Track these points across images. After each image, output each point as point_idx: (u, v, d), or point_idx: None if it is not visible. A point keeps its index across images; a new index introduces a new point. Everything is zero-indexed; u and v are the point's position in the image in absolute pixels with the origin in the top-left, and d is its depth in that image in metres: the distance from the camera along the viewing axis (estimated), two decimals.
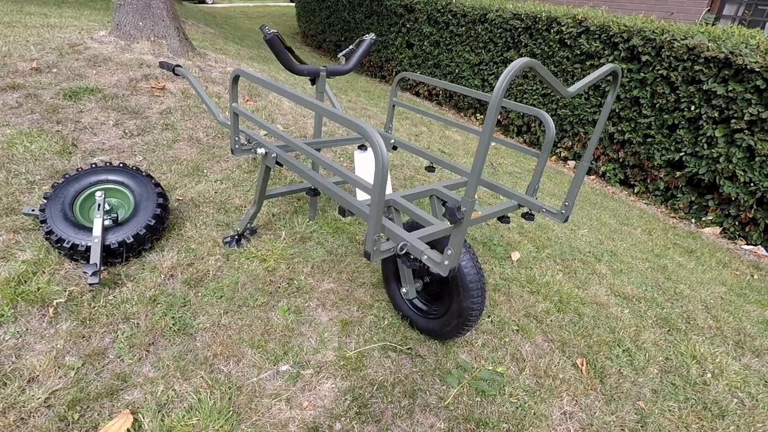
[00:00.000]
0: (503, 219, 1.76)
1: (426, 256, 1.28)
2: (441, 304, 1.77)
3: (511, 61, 6.52)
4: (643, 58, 4.79)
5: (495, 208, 1.70)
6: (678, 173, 4.75)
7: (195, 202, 2.41)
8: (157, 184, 2.11)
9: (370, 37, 2.20)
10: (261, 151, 1.84)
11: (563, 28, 5.59)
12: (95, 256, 1.79)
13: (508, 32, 6.46)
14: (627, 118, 5.12)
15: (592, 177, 5.76)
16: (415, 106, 2.33)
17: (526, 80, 6.34)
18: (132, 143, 2.84)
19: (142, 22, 4.04)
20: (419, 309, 1.83)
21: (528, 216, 1.78)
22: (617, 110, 5.20)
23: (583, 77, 5.48)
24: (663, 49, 4.60)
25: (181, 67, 2.30)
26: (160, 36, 4.11)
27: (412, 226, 1.67)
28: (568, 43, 5.60)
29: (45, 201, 1.94)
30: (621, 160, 5.35)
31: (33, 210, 2.06)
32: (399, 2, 8.33)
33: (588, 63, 5.42)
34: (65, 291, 1.79)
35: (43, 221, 1.88)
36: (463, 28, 7.21)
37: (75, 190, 2.00)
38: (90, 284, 1.75)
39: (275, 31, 1.84)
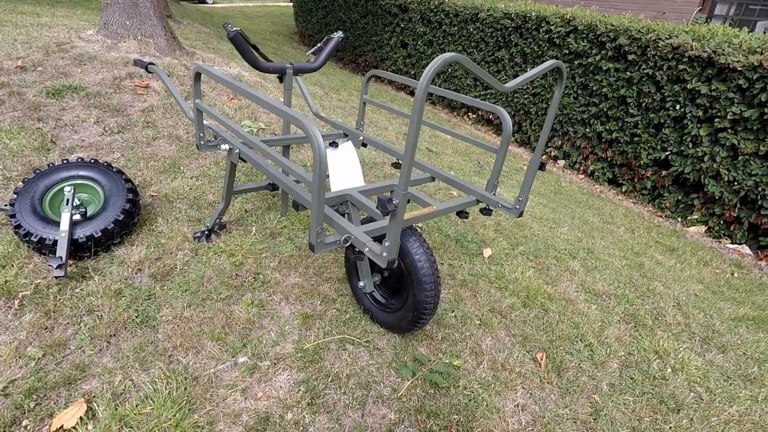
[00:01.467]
0: (461, 214, 1.78)
1: (368, 249, 1.31)
2: (399, 298, 1.80)
3: (503, 60, 6.54)
4: (630, 57, 4.81)
5: (451, 203, 1.73)
6: (664, 172, 4.76)
7: (169, 198, 2.45)
8: (128, 180, 2.15)
9: (337, 34, 2.23)
10: (225, 147, 1.87)
11: (552, 28, 5.61)
12: (61, 249, 1.83)
13: (498, 31, 6.48)
14: (615, 117, 5.13)
15: (581, 176, 5.78)
16: (386, 104, 2.36)
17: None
18: (111, 140, 2.88)
19: (129, 21, 4.09)
20: (379, 303, 1.86)
21: (485, 211, 1.81)
22: (605, 109, 5.22)
23: (572, 76, 5.47)
24: (648, 49, 4.61)
25: (154, 65, 2.33)
26: (147, 35, 4.15)
27: (369, 221, 1.69)
28: (557, 42, 5.62)
29: (15, 196, 1.98)
30: (609, 159, 5.36)
31: (5, 205, 2.10)
32: (393, 2, 8.36)
33: (576, 62, 5.43)
34: (32, 284, 1.83)
35: (12, 215, 1.92)
36: (456, 28, 7.24)
37: (45, 186, 2.04)
38: (56, 277, 1.78)
39: (238, 29, 1.88)
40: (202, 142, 1.96)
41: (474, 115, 7.38)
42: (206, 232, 2.21)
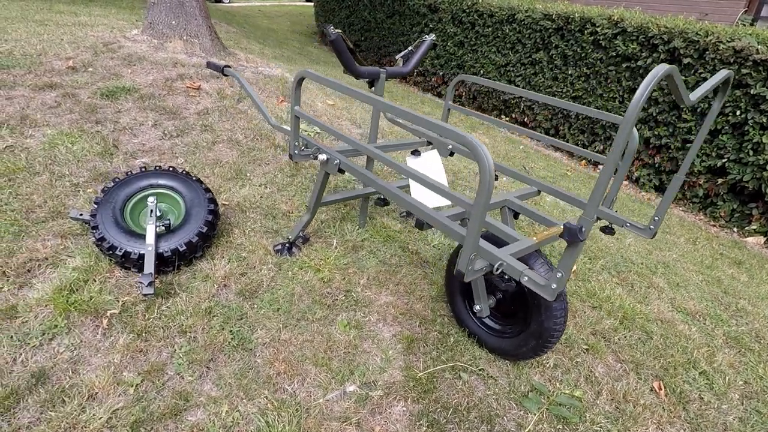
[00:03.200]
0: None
1: (526, 278, 1.17)
2: (516, 322, 1.66)
3: (540, 62, 6.38)
4: (685, 61, 4.63)
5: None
6: (720, 180, 4.58)
7: (241, 207, 2.33)
8: (208, 190, 2.03)
9: (430, 37, 2.10)
10: (322, 157, 1.75)
11: (598, 29, 5.44)
12: (149, 265, 1.71)
13: (537, 33, 6.32)
14: (665, 123, 4.96)
15: (624, 182, 5.60)
16: (471, 111, 2.23)
17: (555, 82, 6.19)
18: (172, 144, 2.77)
19: (175, 20, 3.98)
20: (489, 327, 1.73)
21: (607, 230, 1.67)
22: (654, 114, 5.04)
23: (618, 80, 5.28)
24: (707, 52, 4.43)
25: (230, 67, 2.21)
26: (192, 35, 4.05)
27: (485, 239, 1.56)
28: (603, 44, 5.45)
29: (96, 206, 1.87)
30: (657, 165, 5.19)
31: (81, 214, 1.99)
32: (422, 2, 8.22)
33: (624, 65, 5.26)
34: (118, 301, 1.72)
35: (95, 227, 1.81)
36: (490, 29, 7.08)
37: (125, 195, 1.93)
38: (144, 295, 1.67)
39: (339, 31, 1.75)
40: (296, 152, 1.83)
41: (506, 118, 7.23)
42: (287, 245, 2.09)
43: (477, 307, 1.62)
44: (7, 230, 1.96)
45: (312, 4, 16.26)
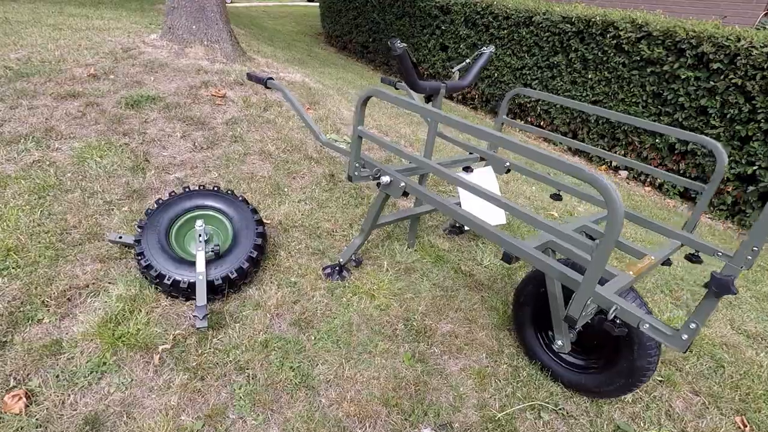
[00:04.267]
0: (665, 262, 1.54)
1: (647, 326, 1.06)
2: (599, 357, 1.55)
3: (559, 66, 6.27)
4: (714, 66, 4.53)
5: (663, 252, 1.48)
6: (750, 188, 4.49)
7: (284, 226, 2.21)
8: (255, 210, 1.92)
9: (489, 49, 1.99)
10: (385, 179, 1.63)
11: (621, 33, 5.33)
12: (201, 295, 1.60)
13: (556, 36, 6.21)
14: (691, 128, 4.86)
15: (648, 188, 5.51)
16: (527, 125, 2.12)
17: (574, 85, 6.08)
18: (203, 157, 2.65)
19: (196, 25, 3.86)
20: (567, 361, 1.62)
21: (694, 258, 1.56)
22: (680, 120, 4.95)
23: (642, 84, 5.15)
24: (738, 57, 4.33)
25: (273, 80, 2.10)
26: (213, 40, 3.93)
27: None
28: (626, 48, 5.34)
29: (140, 230, 1.75)
30: (682, 171, 5.09)
31: (120, 237, 1.87)
32: (434, 3, 8.11)
33: (648, 69, 5.16)
34: (168, 334, 1.60)
35: (140, 254, 1.69)
36: (505, 31, 6.97)
37: (170, 217, 1.81)
38: (198, 328, 1.55)
39: (405, 45, 1.64)
40: (356, 173, 1.72)
41: (522, 121, 7.12)
42: (338, 268, 1.97)
43: (558, 343, 1.51)
44: (43, 254, 1.84)
45: (315, 4, 16.13)
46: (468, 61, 2.00)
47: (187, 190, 1.89)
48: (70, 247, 1.90)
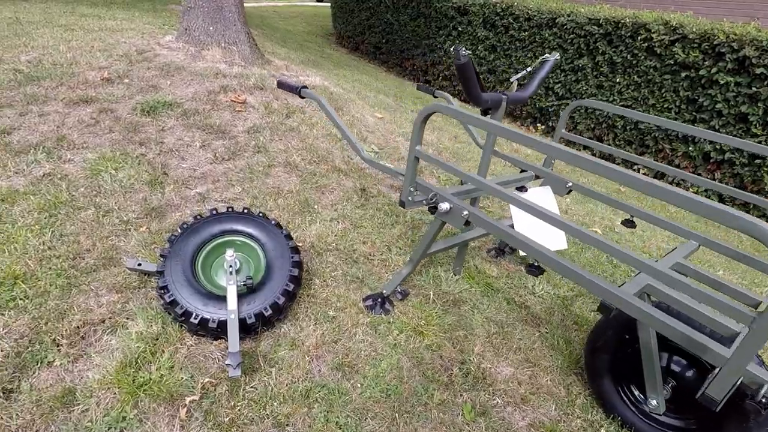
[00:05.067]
0: None
1: None
2: (698, 418, 1.33)
3: (584, 69, 6.03)
4: (757, 71, 4.28)
5: None
6: None
7: (316, 249, 2.01)
8: (289, 236, 1.71)
9: (553, 56, 1.78)
10: (444, 206, 1.42)
11: (653, 35, 5.09)
12: (234, 339, 1.39)
13: (581, 38, 5.97)
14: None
15: None
16: (587, 140, 1.91)
17: (600, 90, 5.83)
18: (225, 169, 2.45)
19: (213, 26, 3.67)
20: (657, 420, 1.39)
21: None
22: (717, 127, 4.70)
23: (675, 89, 4.89)
24: None
25: (307, 89, 1.89)
26: (231, 42, 3.74)
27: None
28: (658, 51, 5.10)
29: (162, 260, 1.55)
30: (718, 181, 4.84)
31: (139, 264, 1.68)
32: (450, 4, 7.89)
33: (683, 74, 4.91)
34: (196, 382, 1.40)
35: (164, 288, 1.49)
36: (526, 33, 6.74)
37: (195, 245, 1.61)
38: (231, 377, 1.35)
39: (470, 53, 1.43)
40: (410, 198, 1.51)
41: (542, 126, 6.89)
42: (380, 300, 1.76)
43: (653, 403, 1.29)
44: (54, 283, 1.64)
45: (324, 4, 15.95)
46: (528, 69, 1.79)
47: (214, 213, 1.69)
48: (83, 275, 1.71)
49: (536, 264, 1.25)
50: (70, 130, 2.49)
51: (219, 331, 1.47)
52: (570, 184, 1.85)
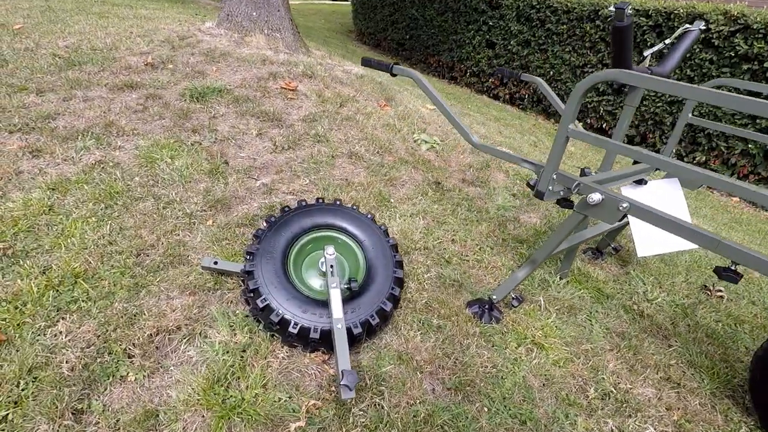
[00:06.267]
0: None
1: None
2: None
3: None
4: None
5: None
6: None
7: (403, 248, 1.78)
8: (386, 232, 1.48)
9: (697, 26, 1.53)
10: (595, 197, 1.18)
11: (711, 26, 4.80)
12: (344, 354, 1.16)
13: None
14: None
15: (735, 198, 4.96)
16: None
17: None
18: (287, 159, 2.23)
19: (256, 12, 3.46)
20: None
21: None
22: None
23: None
24: None
25: (399, 65, 1.66)
26: (274, 29, 3.53)
27: None
28: (716, 43, 4.80)
29: (250, 258, 1.33)
30: None
31: (215, 262, 1.46)
32: None
33: (744, 66, 4.61)
34: (297, 405, 1.17)
35: (254, 291, 1.26)
36: (565, 26, 6.47)
37: (286, 241, 1.38)
38: (344, 399, 1.12)
39: (632, 13, 1.19)
40: (551, 188, 1.27)
41: (581, 123, 6.59)
42: (487, 307, 1.53)
43: None
44: (119, 282, 1.43)
45: (342, 2, 15.78)
46: (666, 42, 1.55)
47: (303, 204, 1.47)
48: (150, 273, 1.49)
49: (734, 267, 1.01)
50: (118, 116, 2.29)
51: (320, 342, 1.24)
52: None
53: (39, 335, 1.26)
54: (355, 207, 1.51)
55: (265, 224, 1.41)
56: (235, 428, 1.12)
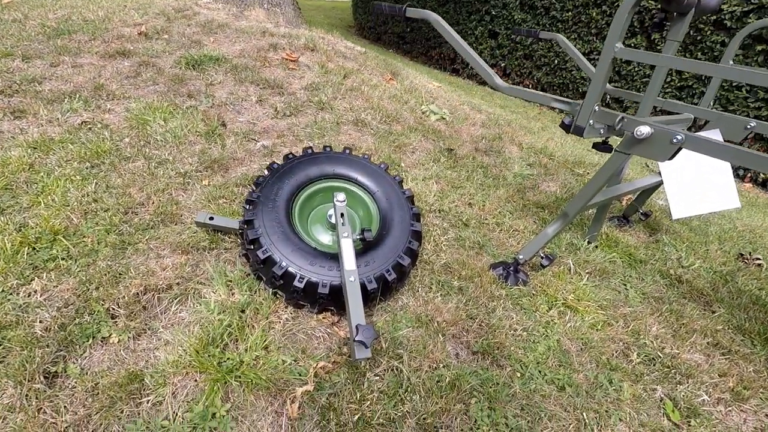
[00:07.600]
0: None
1: None
2: None
3: (636, 48, 5.61)
4: None
5: None
6: None
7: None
8: (401, 183, 1.33)
9: None
10: (645, 130, 1.03)
11: (724, 6, 4.66)
12: (358, 308, 1.01)
13: (635, 15, 5.55)
14: None
15: (747, 184, 4.81)
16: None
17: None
18: (289, 124, 2.08)
19: None
20: None
21: None
22: None
23: (748, 66, 4.49)
24: None
25: (412, 7, 1.52)
26: (274, 3, 3.40)
27: None
28: (728, 24, 4.67)
29: (249, 207, 1.18)
30: None
31: (211, 218, 1.31)
32: None
33: (758, 48, 4.48)
34: (304, 368, 1.02)
35: (254, 241, 1.11)
36: (570, 13, 6.34)
37: (290, 190, 1.23)
38: (358, 359, 0.97)
39: None
40: (591, 122, 1.12)
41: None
42: (512, 268, 1.38)
43: None
44: (104, 240, 1.28)
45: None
46: None
47: (309, 152, 1.32)
48: (138, 231, 1.34)
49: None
50: (108, 81, 2.14)
51: (329, 299, 1.09)
52: (753, 124, 1.45)
53: (11, 294, 1.11)
54: (366, 156, 1.36)
55: (267, 172, 1.26)
56: (233, 393, 0.97)
